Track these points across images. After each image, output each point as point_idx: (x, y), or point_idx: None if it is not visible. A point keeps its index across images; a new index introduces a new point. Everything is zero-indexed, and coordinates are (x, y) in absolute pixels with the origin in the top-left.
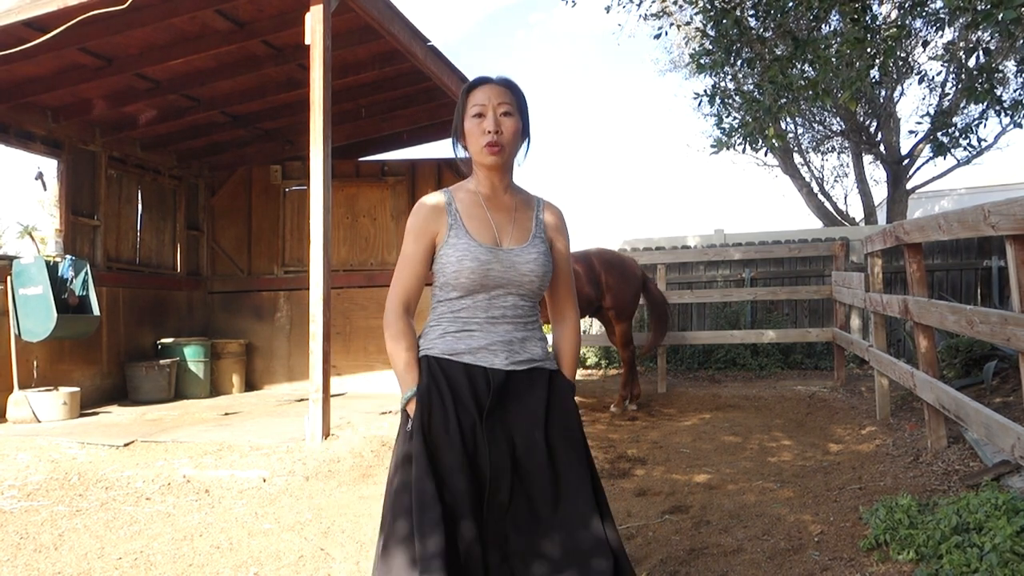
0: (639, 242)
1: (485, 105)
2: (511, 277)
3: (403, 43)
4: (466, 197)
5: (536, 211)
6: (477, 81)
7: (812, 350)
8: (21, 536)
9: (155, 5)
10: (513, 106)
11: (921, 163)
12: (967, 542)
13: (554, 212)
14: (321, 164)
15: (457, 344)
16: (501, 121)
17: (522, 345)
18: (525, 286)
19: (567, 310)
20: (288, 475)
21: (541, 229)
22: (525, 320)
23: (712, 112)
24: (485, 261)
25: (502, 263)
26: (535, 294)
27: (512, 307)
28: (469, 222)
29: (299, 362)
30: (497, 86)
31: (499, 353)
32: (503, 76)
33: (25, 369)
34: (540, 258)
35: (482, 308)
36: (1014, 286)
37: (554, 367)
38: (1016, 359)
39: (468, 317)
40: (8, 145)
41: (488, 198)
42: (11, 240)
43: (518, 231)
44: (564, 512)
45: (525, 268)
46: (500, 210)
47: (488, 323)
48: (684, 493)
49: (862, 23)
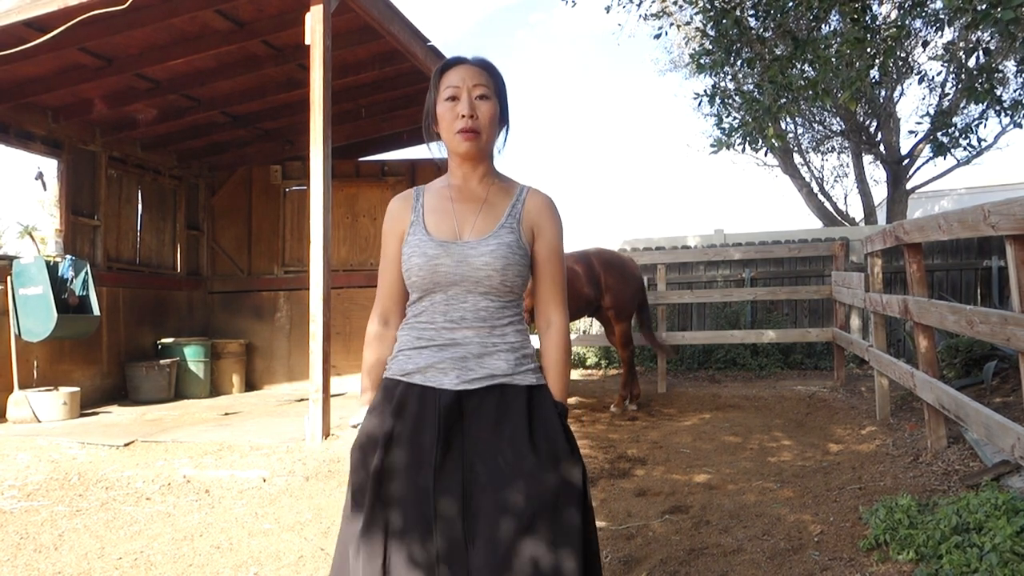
0: (639, 242)
1: (459, 87)
2: (464, 272)
3: (403, 43)
4: (436, 190)
5: (515, 200)
6: (451, 61)
7: (812, 350)
8: (21, 536)
9: (155, 5)
10: (490, 89)
11: (921, 163)
12: (967, 542)
13: (540, 200)
14: (321, 164)
15: (407, 364)
16: (477, 105)
17: (479, 360)
18: (483, 283)
19: (551, 313)
20: (288, 475)
21: (515, 219)
22: (492, 324)
23: (712, 112)
24: (433, 256)
25: (453, 257)
26: (501, 292)
27: (473, 309)
28: (430, 216)
29: (299, 362)
30: (473, 67)
31: (449, 371)
32: (479, 56)
33: (25, 369)
34: (499, 249)
35: (440, 311)
36: (1014, 286)
37: (533, 381)
38: (1016, 359)
39: (426, 323)
40: (8, 145)
41: (459, 188)
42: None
43: (483, 222)
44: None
45: (479, 262)
46: (468, 200)
47: (446, 328)
48: (684, 493)
49: (862, 23)
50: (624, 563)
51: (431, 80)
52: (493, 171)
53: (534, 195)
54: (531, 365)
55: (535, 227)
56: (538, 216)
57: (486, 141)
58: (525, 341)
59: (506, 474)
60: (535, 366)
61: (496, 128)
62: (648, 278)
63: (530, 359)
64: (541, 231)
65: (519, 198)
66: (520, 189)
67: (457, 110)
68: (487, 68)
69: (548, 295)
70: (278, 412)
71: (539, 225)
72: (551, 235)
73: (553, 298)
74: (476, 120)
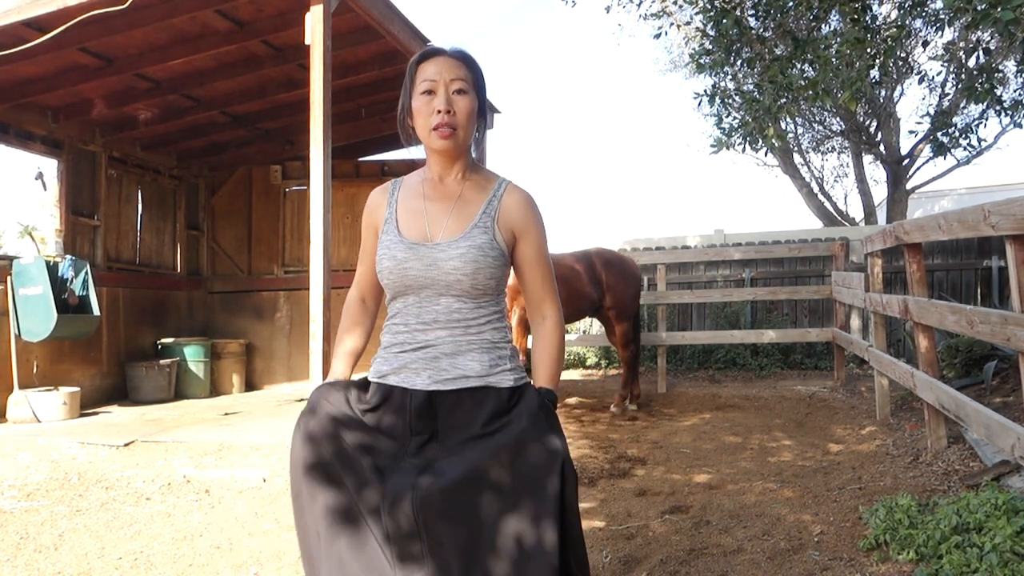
0: (639, 242)
1: (436, 81)
2: (433, 276)
3: (403, 43)
4: (411, 185)
5: (492, 197)
6: (427, 52)
7: (812, 350)
8: (21, 536)
9: (155, 5)
10: (468, 83)
11: (921, 163)
12: (967, 542)
13: (518, 198)
14: (321, 164)
15: (383, 365)
16: (454, 100)
17: (451, 359)
18: (453, 286)
19: (545, 308)
20: (288, 475)
21: (490, 217)
22: (466, 324)
23: (712, 112)
24: (402, 259)
25: (422, 260)
26: (473, 294)
27: (446, 311)
28: (403, 215)
29: (299, 362)
30: (450, 59)
31: (422, 371)
32: (457, 47)
33: (25, 369)
34: (469, 252)
35: (412, 313)
36: (1014, 286)
37: (511, 383)
38: (1016, 359)
39: (401, 324)
40: (8, 145)
41: (433, 184)
42: (11, 240)
43: (455, 222)
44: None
45: (448, 265)
46: (441, 199)
47: (419, 330)
48: (684, 493)
49: (862, 23)
50: (624, 563)
51: (407, 71)
52: (470, 165)
53: (512, 192)
54: (508, 365)
55: (516, 228)
56: (518, 216)
57: (463, 138)
58: (503, 340)
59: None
60: (513, 366)
61: (473, 124)
62: (648, 278)
63: (508, 359)
64: (524, 233)
65: (495, 194)
66: (498, 184)
67: (433, 105)
68: (465, 60)
69: (540, 294)
70: (278, 412)
71: (520, 227)
72: (535, 236)
73: (546, 295)
74: (453, 116)
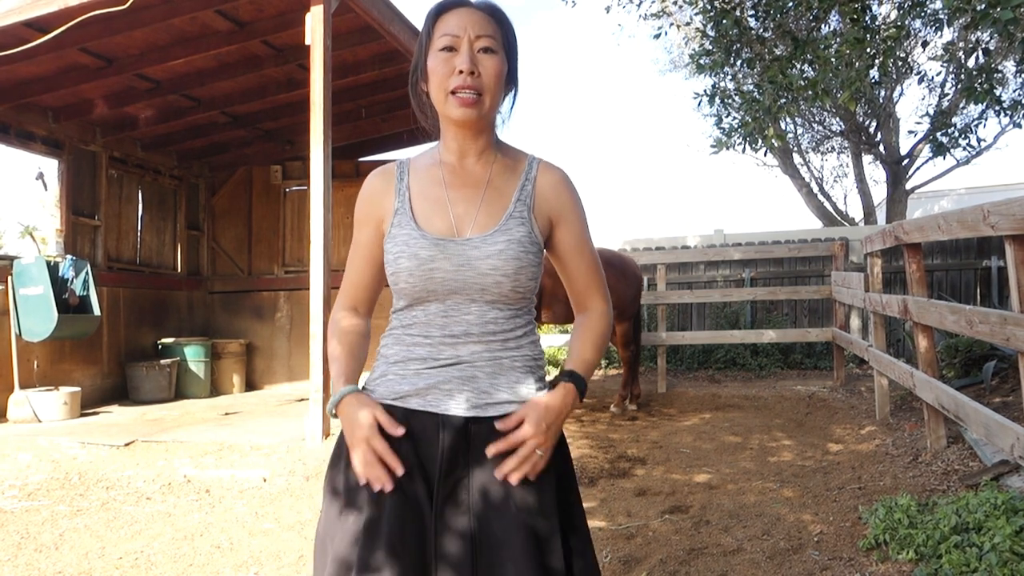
0: (639, 242)
1: (458, 37)
2: (466, 279)
3: (403, 43)
4: (424, 169)
5: (524, 179)
6: (449, 2)
7: (812, 350)
8: (22, 536)
9: (156, 5)
10: (497, 41)
11: (921, 163)
12: (966, 542)
13: (554, 177)
14: (321, 164)
15: (401, 384)
16: (479, 59)
17: (493, 380)
18: (490, 290)
19: (593, 301)
20: (288, 475)
21: (525, 205)
22: (504, 337)
23: (712, 112)
24: (427, 259)
25: (452, 260)
26: (512, 299)
27: (479, 321)
28: (419, 204)
29: (299, 362)
30: (477, 11)
31: (456, 393)
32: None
33: (26, 369)
34: (509, 248)
35: (437, 324)
36: (1013, 286)
37: None
38: (1015, 359)
39: (420, 336)
40: (9, 145)
41: (452, 168)
42: (12, 240)
43: (486, 212)
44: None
45: (484, 265)
46: (466, 185)
47: (445, 344)
48: (684, 493)
49: (862, 23)
50: (624, 563)
51: (423, 25)
52: (495, 142)
53: (546, 172)
54: (547, 388)
55: (553, 215)
56: (556, 200)
57: (489, 107)
58: (541, 357)
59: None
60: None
61: (502, 91)
62: (648, 278)
63: (545, 381)
64: (563, 218)
65: (528, 176)
66: (528, 163)
67: (454, 63)
68: (495, 15)
69: (586, 286)
70: (278, 412)
71: (559, 212)
72: (575, 220)
73: (593, 287)
74: (478, 78)
